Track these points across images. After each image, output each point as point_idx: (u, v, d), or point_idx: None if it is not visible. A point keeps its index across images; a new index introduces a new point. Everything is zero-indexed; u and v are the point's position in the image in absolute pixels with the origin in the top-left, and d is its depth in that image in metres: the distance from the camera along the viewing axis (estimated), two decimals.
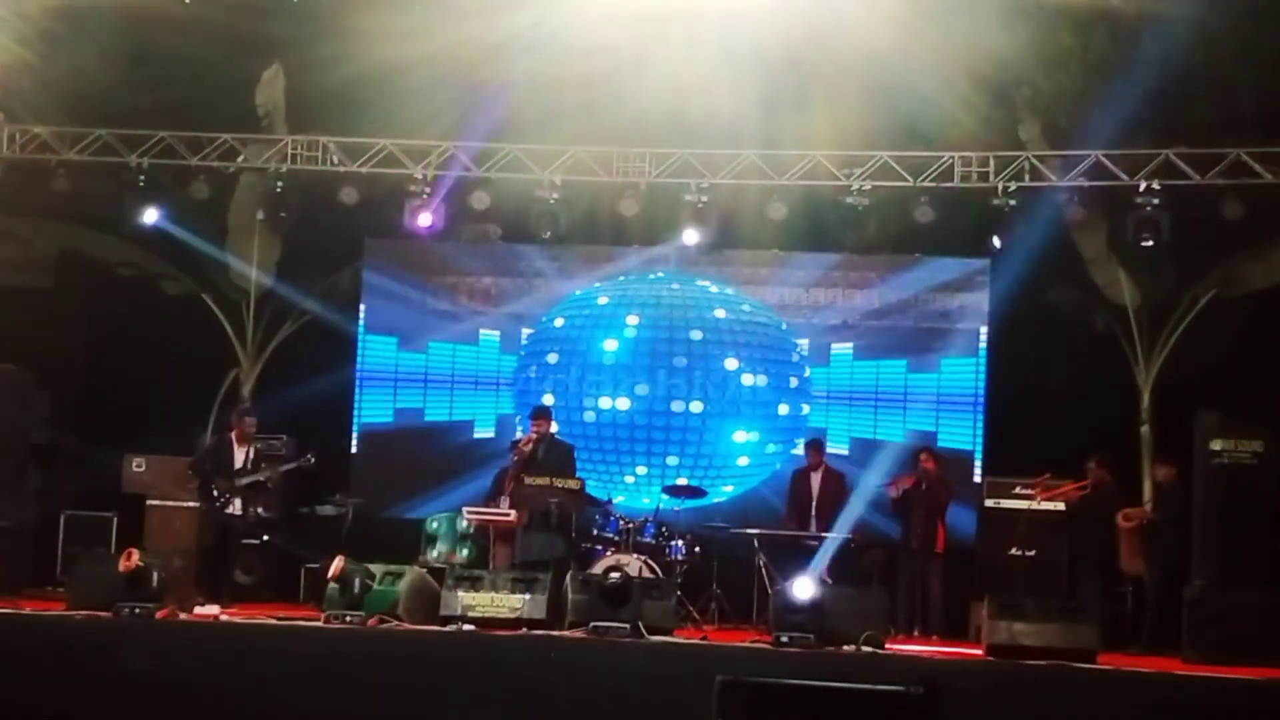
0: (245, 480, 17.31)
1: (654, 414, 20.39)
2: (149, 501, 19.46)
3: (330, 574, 15.74)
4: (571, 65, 17.56)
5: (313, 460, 17.86)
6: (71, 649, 14.40)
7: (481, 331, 21.05)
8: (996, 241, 18.87)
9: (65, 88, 18.68)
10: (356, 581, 15.79)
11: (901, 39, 17.08)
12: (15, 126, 19.03)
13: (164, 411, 19.76)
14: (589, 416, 20.45)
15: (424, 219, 19.14)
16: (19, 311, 19.72)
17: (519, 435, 19.13)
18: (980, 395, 20.10)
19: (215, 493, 17.15)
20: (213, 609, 16.20)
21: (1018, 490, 18.37)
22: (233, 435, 17.62)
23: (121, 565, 15.57)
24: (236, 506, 17.26)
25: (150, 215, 19.36)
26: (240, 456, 17.40)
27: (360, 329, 21.00)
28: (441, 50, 17.33)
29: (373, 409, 21.04)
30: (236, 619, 16.14)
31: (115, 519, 19.53)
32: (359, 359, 21.03)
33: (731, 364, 20.40)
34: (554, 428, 17.98)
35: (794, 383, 20.57)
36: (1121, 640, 16.61)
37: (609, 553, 17.41)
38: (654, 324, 20.51)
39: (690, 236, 19.34)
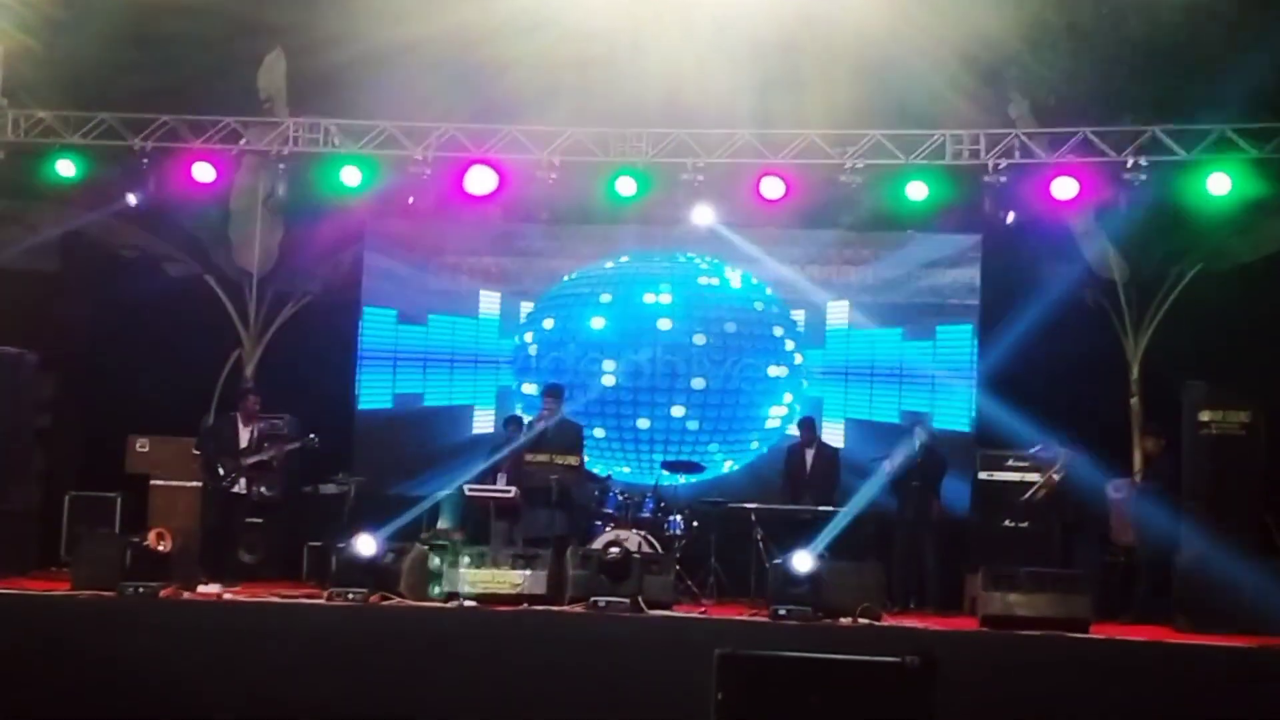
0: (250, 460, 17.43)
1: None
2: (153, 482, 19.63)
3: (361, 550, 15.85)
4: (568, 46, 17.61)
5: (317, 441, 18.00)
6: (76, 628, 14.52)
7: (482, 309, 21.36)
8: (1010, 217, 18.97)
9: (68, 73, 18.72)
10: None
11: (892, 19, 17.14)
12: (19, 110, 19.06)
13: (167, 392, 19.81)
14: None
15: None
16: (23, 294, 19.84)
17: (517, 412, 19.41)
18: (973, 369, 20.30)
19: (221, 471, 17.28)
20: (215, 588, 16.31)
21: (1010, 463, 18.56)
22: (237, 415, 17.75)
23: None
24: (241, 486, 17.40)
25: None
26: (245, 436, 17.51)
27: (361, 309, 21.18)
28: (440, 32, 17.41)
29: (372, 390, 21.23)
30: (240, 598, 16.20)
31: (119, 499, 19.71)
32: (360, 339, 21.18)
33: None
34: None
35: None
36: (1114, 609, 16.72)
37: (608, 528, 17.57)
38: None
39: (703, 216, 19.50)
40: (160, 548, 15.99)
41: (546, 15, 17.30)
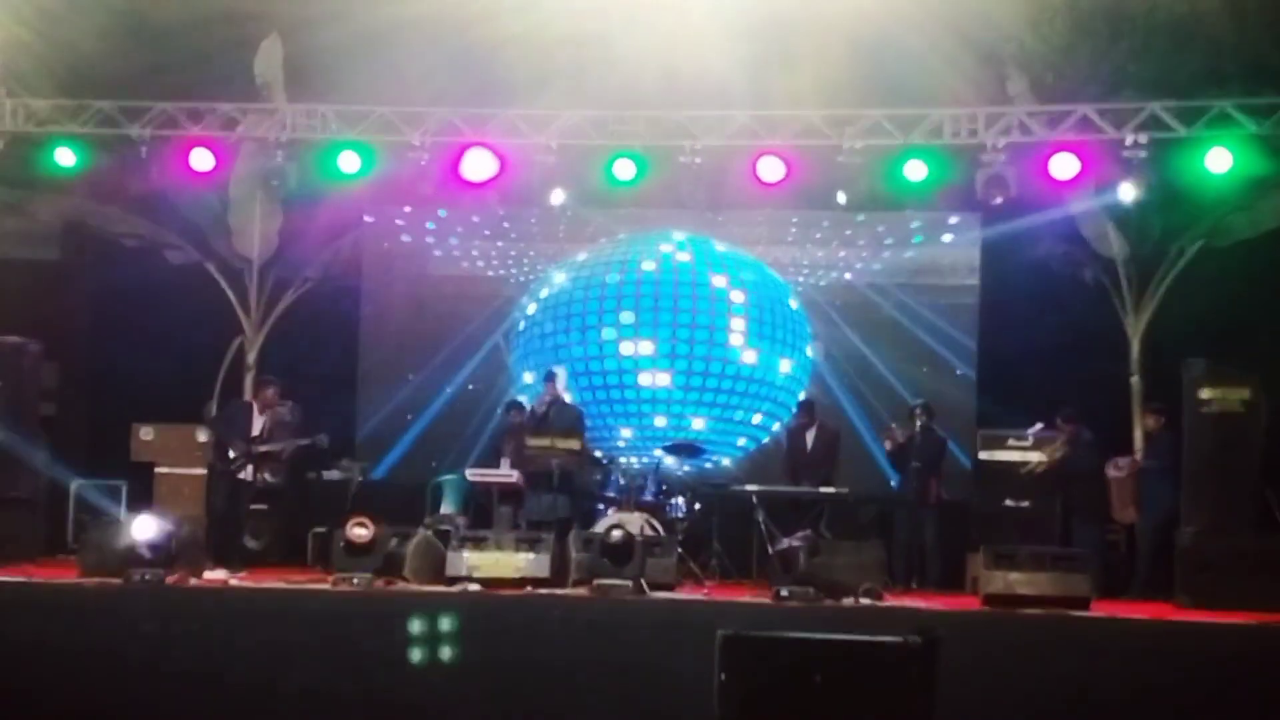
0: (260, 449, 17.45)
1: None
2: (158, 469, 19.67)
3: (355, 537, 15.86)
4: (562, 24, 17.55)
5: (326, 442, 18.04)
6: (83, 615, 14.53)
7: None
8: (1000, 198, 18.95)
9: (64, 62, 18.66)
10: (393, 541, 16.08)
11: None
12: (16, 100, 19.00)
13: (170, 380, 19.87)
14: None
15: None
16: (25, 284, 19.86)
17: (518, 397, 19.44)
18: (973, 348, 20.34)
19: (231, 454, 17.27)
20: (222, 574, 16.38)
21: (1011, 442, 18.59)
22: (253, 402, 17.76)
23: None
24: (248, 473, 17.43)
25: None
26: (258, 424, 17.52)
27: (362, 294, 21.22)
28: (433, 11, 17.34)
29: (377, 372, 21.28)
30: (246, 583, 16.27)
31: (125, 487, 19.76)
32: (360, 324, 21.23)
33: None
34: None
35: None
36: (1115, 588, 16.80)
37: (611, 511, 17.62)
38: None
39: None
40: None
41: None
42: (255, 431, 17.45)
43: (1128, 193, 18.23)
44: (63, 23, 18.22)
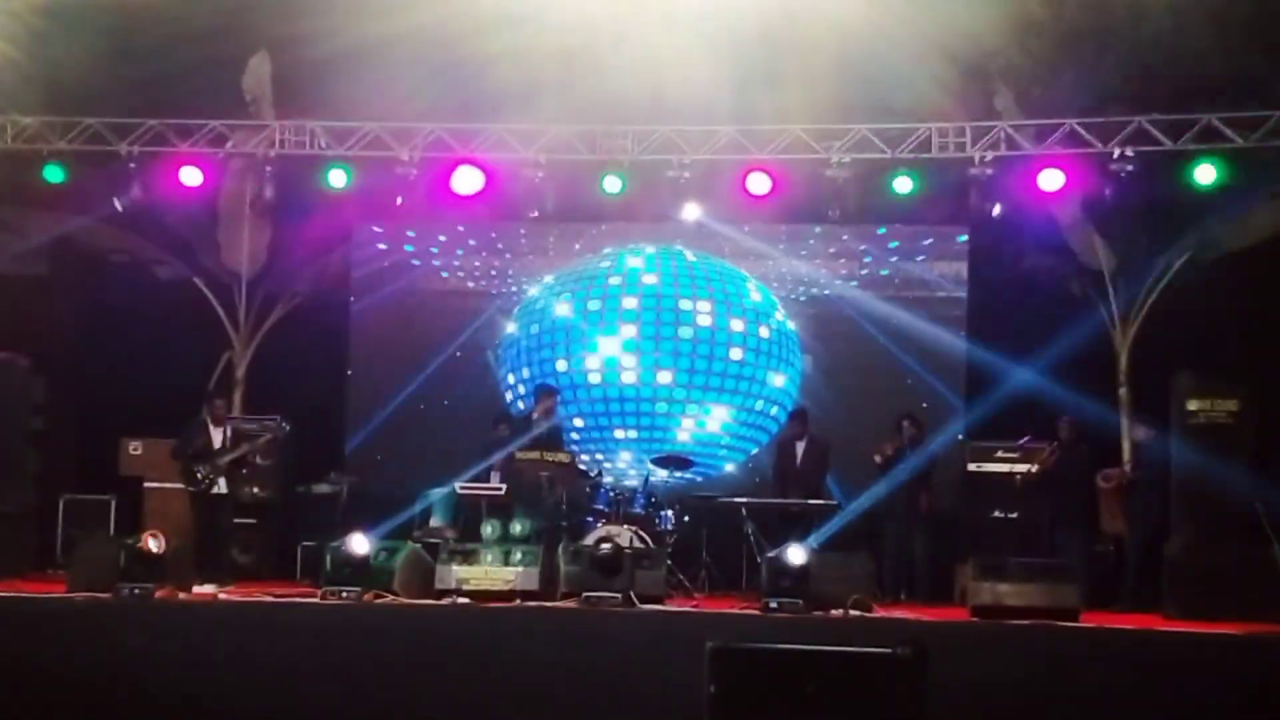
0: (226, 458, 17.44)
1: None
2: (146, 484, 19.58)
3: (353, 548, 15.87)
4: (550, 39, 17.57)
5: (286, 427, 18.08)
6: (72, 630, 14.55)
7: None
8: (995, 210, 18.97)
9: (52, 80, 18.66)
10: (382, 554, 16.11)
11: (875, 12, 17.14)
12: (5, 118, 19.05)
13: (159, 395, 19.87)
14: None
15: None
16: (14, 299, 19.86)
17: (506, 411, 19.45)
18: (961, 361, 20.38)
19: (199, 476, 17.28)
20: (210, 588, 16.41)
21: (999, 454, 18.62)
22: (207, 419, 17.75)
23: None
24: (222, 485, 17.42)
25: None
26: (218, 437, 17.52)
27: (351, 308, 21.25)
28: (422, 27, 17.34)
29: (366, 386, 21.31)
30: (234, 598, 16.31)
31: (113, 502, 19.75)
32: (349, 338, 21.26)
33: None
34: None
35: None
36: (1103, 599, 16.82)
37: (600, 524, 17.62)
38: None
39: (691, 212, 19.52)
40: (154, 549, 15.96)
41: (528, 9, 17.27)
42: (216, 445, 17.45)
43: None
44: (51, 40, 18.20)
